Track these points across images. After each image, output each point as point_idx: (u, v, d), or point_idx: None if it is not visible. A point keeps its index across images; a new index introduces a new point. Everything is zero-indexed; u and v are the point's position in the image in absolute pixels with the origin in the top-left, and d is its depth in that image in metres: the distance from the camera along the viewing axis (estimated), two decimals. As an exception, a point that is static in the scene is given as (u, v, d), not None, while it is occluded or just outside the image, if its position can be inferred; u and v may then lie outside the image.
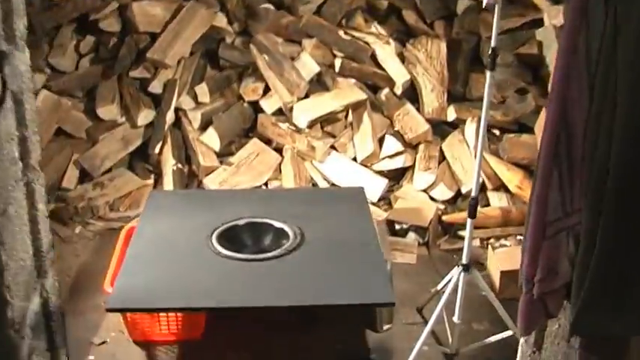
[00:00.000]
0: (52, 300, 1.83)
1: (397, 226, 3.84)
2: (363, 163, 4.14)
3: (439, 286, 3.09)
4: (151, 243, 2.92)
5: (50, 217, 3.79)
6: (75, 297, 3.37)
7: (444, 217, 3.89)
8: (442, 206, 4.02)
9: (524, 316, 1.86)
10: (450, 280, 2.87)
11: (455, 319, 2.86)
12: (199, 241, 2.91)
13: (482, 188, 3.98)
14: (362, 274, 2.70)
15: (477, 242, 3.74)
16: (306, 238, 2.94)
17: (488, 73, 2.57)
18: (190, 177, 4.22)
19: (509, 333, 2.85)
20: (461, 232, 3.77)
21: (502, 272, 3.36)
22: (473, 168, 3.97)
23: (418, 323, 3.19)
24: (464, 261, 2.79)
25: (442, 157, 4.20)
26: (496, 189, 4.03)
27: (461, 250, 2.86)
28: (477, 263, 3.45)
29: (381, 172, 4.15)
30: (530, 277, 1.80)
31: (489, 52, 2.54)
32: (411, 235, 3.81)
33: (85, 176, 4.19)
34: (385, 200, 4.12)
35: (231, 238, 2.96)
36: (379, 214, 3.92)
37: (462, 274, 2.78)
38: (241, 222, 3.06)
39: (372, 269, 2.74)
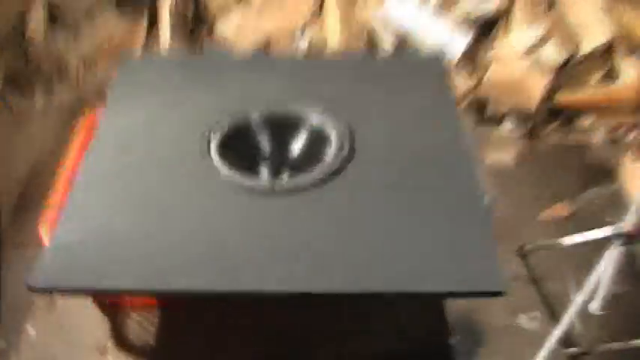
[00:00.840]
0: None
1: (488, 110, 2.72)
2: (439, 9, 3.01)
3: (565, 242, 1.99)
4: (115, 156, 1.86)
5: (4, 81, 2.86)
6: (22, 213, 2.36)
7: (557, 96, 2.74)
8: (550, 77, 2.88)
9: None
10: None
11: (592, 308, 1.80)
12: (189, 149, 1.86)
13: (608, 50, 2.84)
14: (449, 228, 1.63)
15: (599, 134, 2.61)
16: (358, 144, 1.86)
17: None
18: (196, 21, 3.26)
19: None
20: (581, 119, 2.64)
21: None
22: (596, 18, 2.85)
23: (521, 278, 2.11)
24: (626, 228, 1.67)
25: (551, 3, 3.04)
26: (631, 51, 2.87)
27: (581, 147, 1.73)
28: (600, 171, 2.34)
29: (464, 22, 3.01)
30: None
31: None
32: (508, 123, 2.69)
33: (54, 21, 3.18)
34: (469, 66, 2.99)
35: (239, 142, 1.90)
36: (459, 87, 2.78)
37: (620, 247, 1.67)
38: (256, 114, 1.98)
39: (465, 215, 1.66)
